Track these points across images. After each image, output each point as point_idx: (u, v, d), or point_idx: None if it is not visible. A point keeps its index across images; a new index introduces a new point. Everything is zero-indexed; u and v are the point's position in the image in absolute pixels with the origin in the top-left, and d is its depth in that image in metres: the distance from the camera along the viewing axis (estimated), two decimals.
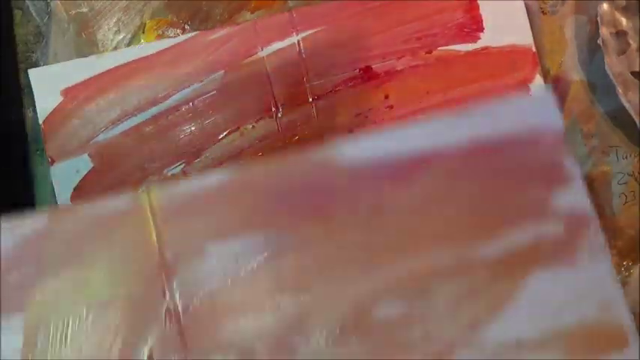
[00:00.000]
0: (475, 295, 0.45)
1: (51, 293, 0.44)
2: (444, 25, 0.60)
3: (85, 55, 0.60)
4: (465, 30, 0.60)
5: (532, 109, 0.46)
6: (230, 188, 0.45)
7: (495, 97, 0.56)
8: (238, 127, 0.59)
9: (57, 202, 0.59)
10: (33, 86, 0.59)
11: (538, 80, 0.60)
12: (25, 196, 0.60)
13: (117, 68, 0.59)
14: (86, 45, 0.60)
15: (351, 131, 0.59)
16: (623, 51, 0.58)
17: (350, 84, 0.59)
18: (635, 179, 0.60)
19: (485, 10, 0.60)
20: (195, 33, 0.59)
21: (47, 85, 0.59)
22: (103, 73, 0.59)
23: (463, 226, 0.45)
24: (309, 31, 0.59)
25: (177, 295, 0.44)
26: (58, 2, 0.60)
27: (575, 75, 0.60)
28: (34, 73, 0.59)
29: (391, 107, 0.59)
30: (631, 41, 0.58)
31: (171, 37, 0.60)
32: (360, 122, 0.59)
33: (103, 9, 0.60)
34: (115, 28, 0.60)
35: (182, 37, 0.59)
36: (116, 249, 0.45)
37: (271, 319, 0.45)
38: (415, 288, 0.45)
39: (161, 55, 0.59)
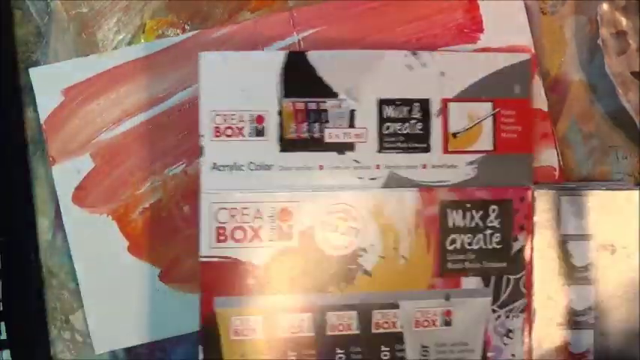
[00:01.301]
0: None
1: None
2: (443, 26, 0.60)
3: (85, 55, 0.60)
4: (465, 31, 0.60)
5: None
6: None
7: None
8: None
9: (58, 202, 0.59)
10: (34, 85, 0.59)
11: (537, 81, 0.60)
12: (25, 196, 0.60)
13: (118, 67, 0.59)
14: (86, 45, 0.60)
15: None
16: (623, 51, 0.58)
17: None
18: (635, 179, 0.60)
19: (486, 10, 0.60)
20: (196, 32, 0.59)
21: (48, 85, 0.59)
22: (103, 72, 0.59)
23: None
24: (310, 31, 0.59)
25: None
26: (58, 2, 0.60)
27: (575, 75, 0.61)
28: (34, 73, 0.59)
29: None
30: (631, 41, 0.58)
31: (172, 36, 0.60)
32: None
33: (103, 9, 0.60)
34: (115, 28, 0.60)
35: (183, 36, 0.59)
36: None
37: None
38: None
39: (162, 55, 0.59)
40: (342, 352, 0.56)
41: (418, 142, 0.57)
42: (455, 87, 0.58)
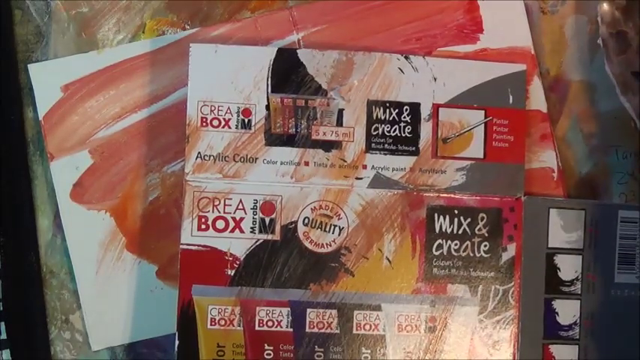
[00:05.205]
0: None
1: None
2: (443, 26, 0.60)
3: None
4: (465, 31, 0.60)
5: None
6: None
7: None
8: None
9: (56, 199, 0.59)
10: (33, 81, 0.59)
11: (536, 82, 0.60)
12: (25, 196, 0.60)
13: (117, 64, 0.59)
14: (87, 45, 0.60)
15: None
16: (623, 51, 0.58)
17: None
18: (635, 179, 0.60)
19: (485, 10, 0.60)
20: (196, 29, 0.60)
21: (47, 81, 0.59)
22: (103, 69, 0.59)
23: None
24: (310, 30, 0.60)
25: None
26: (58, 2, 0.60)
27: (575, 75, 0.60)
28: (34, 69, 0.59)
29: None
30: (631, 41, 0.58)
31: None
32: None
33: (103, 9, 0.60)
34: (115, 28, 0.60)
35: (183, 34, 0.60)
36: None
37: None
38: None
39: (162, 52, 0.60)
40: (321, 350, 0.56)
41: (407, 144, 0.58)
42: (447, 93, 0.58)
